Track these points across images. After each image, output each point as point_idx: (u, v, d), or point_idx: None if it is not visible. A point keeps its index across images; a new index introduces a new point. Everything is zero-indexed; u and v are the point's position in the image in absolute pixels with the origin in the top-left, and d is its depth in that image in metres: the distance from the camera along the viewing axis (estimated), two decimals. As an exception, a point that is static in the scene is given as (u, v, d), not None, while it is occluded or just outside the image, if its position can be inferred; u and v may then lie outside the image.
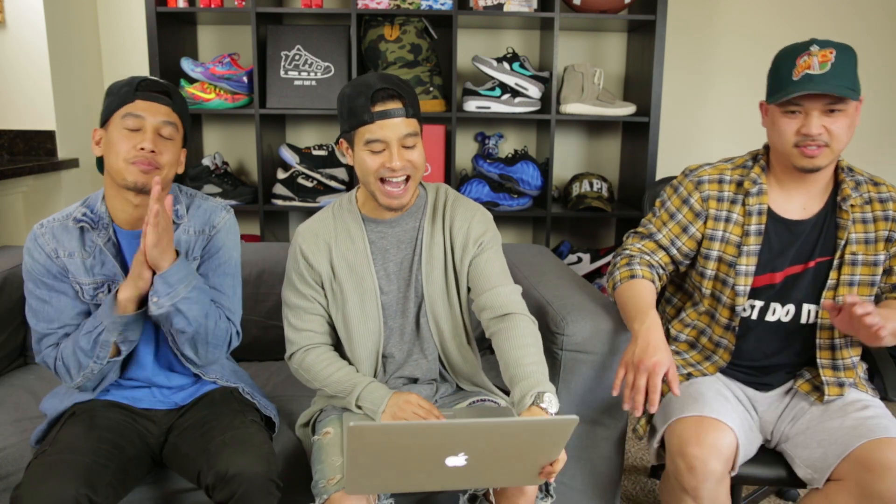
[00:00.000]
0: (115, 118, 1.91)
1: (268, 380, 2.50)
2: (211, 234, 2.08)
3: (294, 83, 3.59)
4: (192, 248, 2.06)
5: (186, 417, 2.04)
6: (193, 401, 2.10)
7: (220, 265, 2.09)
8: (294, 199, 3.60)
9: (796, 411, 2.14)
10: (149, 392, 2.08)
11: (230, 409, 2.04)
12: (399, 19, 3.50)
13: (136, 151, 1.89)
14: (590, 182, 3.73)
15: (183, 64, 3.52)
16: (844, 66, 1.95)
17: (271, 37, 3.60)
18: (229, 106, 3.53)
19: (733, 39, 3.95)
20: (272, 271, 2.69)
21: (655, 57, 3.46)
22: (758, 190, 2.12)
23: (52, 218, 2.02)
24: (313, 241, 2.07)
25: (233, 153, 3.98)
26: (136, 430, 1.99)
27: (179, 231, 2.04)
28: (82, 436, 1.88)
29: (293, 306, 2.09)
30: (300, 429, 2.16)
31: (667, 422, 2.04)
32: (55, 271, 1.97)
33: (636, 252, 2.24)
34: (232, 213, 2.15)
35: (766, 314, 2.15)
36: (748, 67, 3.96)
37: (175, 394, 2.10)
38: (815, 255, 2.11)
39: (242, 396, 2.12)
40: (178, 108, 1.98)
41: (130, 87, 1.92)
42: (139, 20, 3.76)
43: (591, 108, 3.56)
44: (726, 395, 2.10)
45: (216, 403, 2.07)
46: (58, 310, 1.98)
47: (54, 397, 2.07)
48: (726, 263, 2.14)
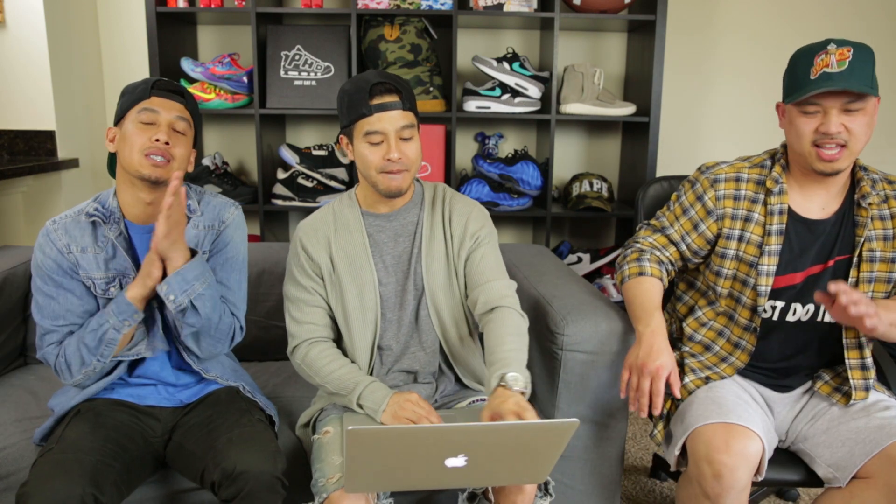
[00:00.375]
0: (130, 114, 1.98)
1: (268, 380, 2.51)
2: (220, 229, 2.13)
3: (294, 83, 3.61)
4: (201, 242, 2.10)
5: (191, 416, 2.06)
6: (198, 399, 2.12)
7: (228, 260, 2.13)
8: (294, 199, 3.61)
9: (816, 411, 2.14)
10: (154, 390, 2.10)
11: (236, 408, 2.05)
12: (399, 19, 3.51)
13: (151, 143, 1.94)
14: (590, 182, 3.74)
15: (183, 64, 3.54)
16: (862, 64, 1.95)
17: (271, 37, 3.61)
18: (229, 106, 3.54)
19: (733, 39, 3.97)
20: (272, 271, 2.70)
21: (655, 57, 3.47)
22: (780, 189, 2.12)
23: (64, 214, 2.05)
24: (313, 234, 2.12)
25: (233, 153, 3.99)
26: (140, 429, 2.02)
27: (189, 226, 2.09)
28: (88, 434, 1.90)
29: (294, 299, 2.12)
30: (300, 429, 2.17)
31: (688, 428, 2.02)
32: (66, 267, 2.00)
33: (647, 246, 2.25)
34: (240, 210, 2.20)
35: (787, 314, 2.14)
36: (748, 67, 3.97)
37: (180, 392, 2.12)
38: (834, 253, 2.11)
39: (246, 395, 2.14)
40: (190, 107, 2.06)
41: (146, 84, 1.99)
42: (139, 20, 3.78)
43: (591, 108, 3.57)
44: (747, 399, 2.10)
45: (221, 402, 2.08)
46: (64, 307, 2.00)
47: (63, 394, 2.09)
48: (746, 263, 2.14)
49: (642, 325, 2.09)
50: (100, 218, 2.01)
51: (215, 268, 2.11)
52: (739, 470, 1.89)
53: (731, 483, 1.89)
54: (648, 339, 2.05)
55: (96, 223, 2.02)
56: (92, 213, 2.02)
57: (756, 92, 3.97)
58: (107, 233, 2.01)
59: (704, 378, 2.17)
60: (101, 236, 2.02)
